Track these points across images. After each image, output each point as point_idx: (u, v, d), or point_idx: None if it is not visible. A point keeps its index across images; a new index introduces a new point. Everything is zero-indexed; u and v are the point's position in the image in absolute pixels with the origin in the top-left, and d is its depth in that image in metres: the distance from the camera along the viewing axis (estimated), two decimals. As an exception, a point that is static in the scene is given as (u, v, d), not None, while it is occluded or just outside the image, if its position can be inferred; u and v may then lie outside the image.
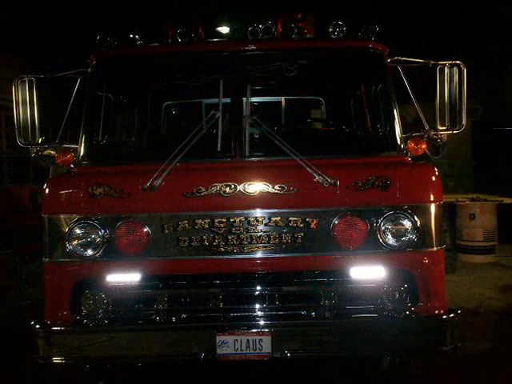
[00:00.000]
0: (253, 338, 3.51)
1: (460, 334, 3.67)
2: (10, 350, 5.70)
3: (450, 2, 14.88)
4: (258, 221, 3.61)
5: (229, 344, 3.51)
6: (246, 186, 3.58)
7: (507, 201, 9.89)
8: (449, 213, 9.71)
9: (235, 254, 3.63)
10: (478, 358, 5.28)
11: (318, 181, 3.59)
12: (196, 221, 3.61)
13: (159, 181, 3.61)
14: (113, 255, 3.66)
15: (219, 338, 3.51)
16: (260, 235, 3.61)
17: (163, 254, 3.66)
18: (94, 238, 3.62)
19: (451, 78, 3.97)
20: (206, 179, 3.62)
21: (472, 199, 9.97)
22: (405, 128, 4.13)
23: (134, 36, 4.23)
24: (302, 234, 3.62)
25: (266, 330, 3.53)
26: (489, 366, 5.12)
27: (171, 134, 6.33)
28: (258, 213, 3.62)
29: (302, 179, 3.62)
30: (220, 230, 3.61)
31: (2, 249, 8.95)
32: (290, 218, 3.61)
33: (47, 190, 3.71)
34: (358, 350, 3.63)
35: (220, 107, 3.88)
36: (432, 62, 4.04)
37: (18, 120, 4.05)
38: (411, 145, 3.94)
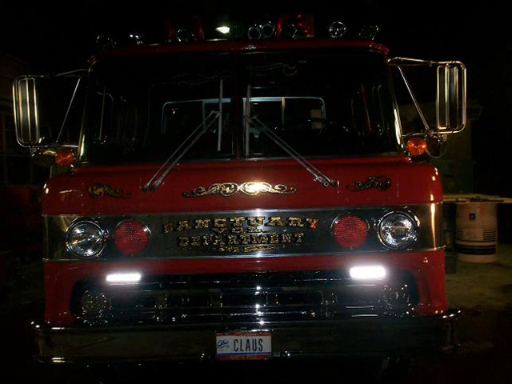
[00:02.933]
0: (253, 338, 3.51)
1: (460, 334, 3.65)
2: (10, 350, 5.70)
3: (450, 2, 14.90)
4: (258, 221, 3.61)
5: (229, 344, 3.51)
6: (245, 185, 3.58)
7: (507, 201, 9.89)
8: (449, 213, 9.72)
9: (235, 254, 3.62)
10: (478, 357, 5.27)
11: (317, 181, 3.58)
12: (196, 221, 3.61)
13: (159, 181, 3.60)
14: (113, 255, 3.65)
15: (219, 338, 3.51)
16: (260, 235, 3.61)
17: (163, 253, 3.65)
18: (93, 238, 3.61)
19: (451, 78, 3.97)
20: (205, 179, 3.61)
21: (472, 199, 9.97)
22: (405, 128, 4.13)
23: (134, 36, 4.23)
24: (302, 233, 3.61)
25: (266, 330, 3.53)
26: (489, 366, 5.12)
27: (171, 134, 6.33)
28: (258, 213, 3.61)
29: (302, 179, 3.62)
30: (220, 229, 3.60)
31: (2, 249, 8.95)
32: (290, 218, 3.61)
33: (47, 190, 3.71)
34: (358, 350, 3.62)
35: (220, 107, 3.88)
36: (432, 62, 4.04)
37: (18, 120, 4.05)
38: (411, 145, 3.94)
